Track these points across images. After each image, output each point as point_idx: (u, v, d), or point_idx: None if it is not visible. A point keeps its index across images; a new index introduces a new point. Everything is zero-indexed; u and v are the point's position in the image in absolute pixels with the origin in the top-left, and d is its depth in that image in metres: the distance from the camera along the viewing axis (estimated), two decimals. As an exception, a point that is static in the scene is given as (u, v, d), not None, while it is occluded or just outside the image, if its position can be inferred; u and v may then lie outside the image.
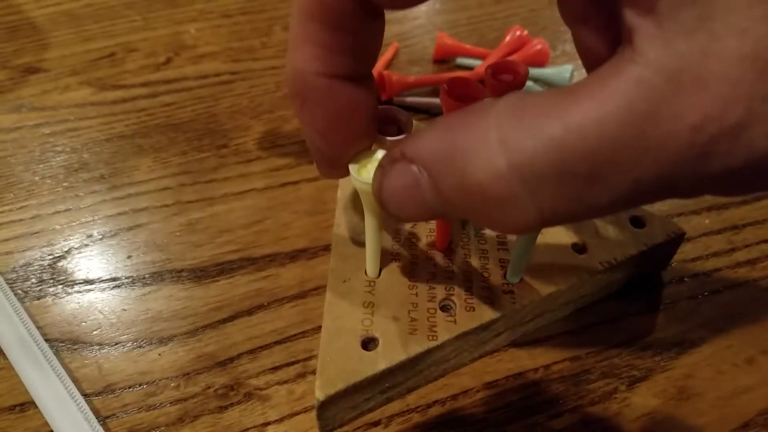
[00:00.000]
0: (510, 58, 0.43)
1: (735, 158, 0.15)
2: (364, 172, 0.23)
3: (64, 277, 0.32)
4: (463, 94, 0.27)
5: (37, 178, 0.37)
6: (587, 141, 0.15)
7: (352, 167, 0.24)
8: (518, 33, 0.44)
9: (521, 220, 0.17)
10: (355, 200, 0.31)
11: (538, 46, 0.43)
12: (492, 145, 0.16)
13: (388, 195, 0.20)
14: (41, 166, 0.37)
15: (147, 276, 0.32)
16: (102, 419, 0.26)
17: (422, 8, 0.52)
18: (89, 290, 0.31)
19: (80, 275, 0.32)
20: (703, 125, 0.14)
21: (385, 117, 0.27)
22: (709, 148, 0.15)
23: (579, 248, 0.30)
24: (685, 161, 0.15)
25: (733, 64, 0.14)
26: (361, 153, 0.24)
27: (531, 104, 0.16)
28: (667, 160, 0.15)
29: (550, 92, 0.16)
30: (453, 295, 0.28)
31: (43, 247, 0.33)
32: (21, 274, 0.32)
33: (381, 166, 0.20)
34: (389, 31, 0.48)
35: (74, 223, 0.34)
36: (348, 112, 0.22)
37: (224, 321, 0.30)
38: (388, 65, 0.45)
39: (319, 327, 0.27)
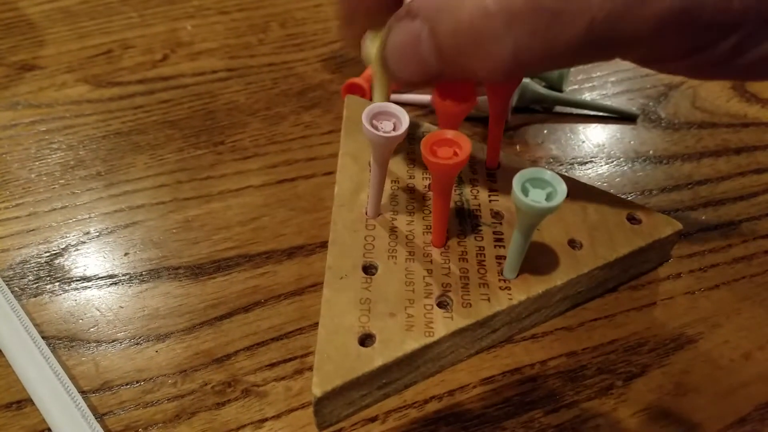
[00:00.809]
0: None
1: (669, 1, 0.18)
2: (377, 41, 0.26)
3: (61, 275, 0.32)
4: (455, 94, 0.27)
5: (33, 176, 0.37)
6: None
7: (368, 36, 0.27)
8: None
9: (500, 56, 0.20)
10: (352, 197, 0.31)
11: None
12: None
13: (392, 50, 0.23)
14: (37, 163, 0.37)
15: (144, 273, 0.32)
16: (99, 416, 0.26)
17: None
18: (86, 287, 0.31)
19: (77, 272, 0.32)
20: None
21: (381, 113, 0.27)
22: None
23: (575, 244, 0.30)
24: (628, 3, 0.19)
25: None
26: (379, 29, 0.26)
27: None
28: (615, 2, 0.19)
29: None
30: (450, 291, 0.28)
31: (40, 244, 0.33)
32: (18, 271, 0.32)
33: (388, 25, 0.23)
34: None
35: (71, 221, 0.34)
36: None
37: (221, 318, 0.30)
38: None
39: (316, 324, 0.27)
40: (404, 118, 0.26)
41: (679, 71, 0.23)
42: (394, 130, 0.26)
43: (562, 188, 0.24)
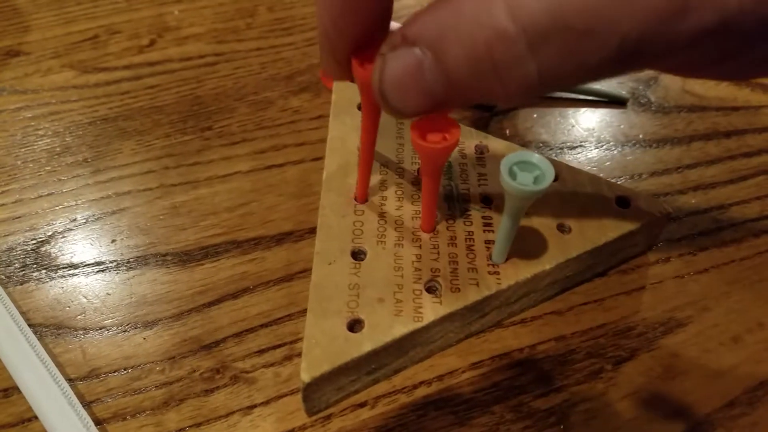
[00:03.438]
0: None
1: (708, 15, 0.17)
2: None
3: (47, 262, 0.31)
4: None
5: (19, 162, 0.36)
6: None
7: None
8: None
9: (524, 80, 0.18)
10: (340, 182, 0.31)
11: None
12: (499, 7, 0.18)
13: (390, 83, 0.20)
14: (23, 150, 0.37)
15: (131, 260, 0.32)
16: (86, 404, 0.26)
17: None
18: (73, 275, 0.31)
19: (64, 260, 0.32)
20: None
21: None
22: (684, 4, 0.17)
23: (564, 228, 0.30)
24: (665, 18, 0.17)
25: None
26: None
27: None
28: (649, 17, 0.17)
29: None
30: (438, 276, 0.28)
31: (26, 231, 0.33)
32: (4, 259, 0.31)
33: (381, 54, 0.20)
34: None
35: (57, 208, 0.34)
36: None
37: (209, 305, 0.30)
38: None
39: (305, 310, 0.27)
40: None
41: (710, 76, 0.22)
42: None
43: (550, 171, 0.24)
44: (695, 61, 0.19)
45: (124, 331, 0.29)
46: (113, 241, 0.32)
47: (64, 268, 0.31)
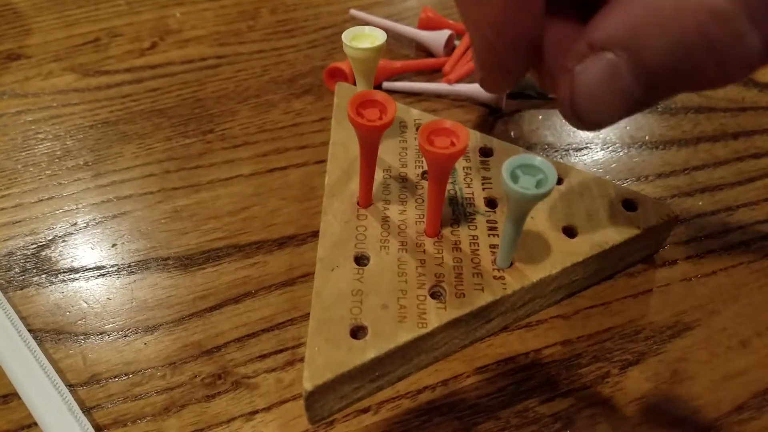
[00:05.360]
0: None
1: None
2: (355, 43, 0.29)
3: (47, 267, 0.31)
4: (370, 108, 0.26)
5: (19, 166, 0.36)
6: None
7: (345, 38, 0.29)
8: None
9: (747, 57, 0.17)
10: (343, 187, 0.31)
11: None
12: None
13: (584, 96, 0.20)
14: (23, 153, 0.37)
15: (132, 264, 0.31)
16: (87, 410, 0.26)
17: (412, -10, 0.51)
18: (74, 279, 0.31)
19: (64, 264, 0.31)
20: None
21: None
22: None
23: (570, 232, 0.29)
24: None
25: None
26: (354, 29, 0.29)
27: None
28: None
29: None
30: (443, 281, 0.27)
31: (26, 236, 0.32)
32: (4, 263, 0.31)
33: (566, 70, 0.20)
34: (378, 12, 0.47)
35: (58, 212, 0.34)
36: None
37: (211, 309, 0.29)
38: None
39: (308, 314, 0.26)
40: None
41: None
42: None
43: (553, 174, 0.23)
44: None
45: (125, 336, 0.29)
46: (114, 245, 0.32)
47: (64, 272, 0.31)
